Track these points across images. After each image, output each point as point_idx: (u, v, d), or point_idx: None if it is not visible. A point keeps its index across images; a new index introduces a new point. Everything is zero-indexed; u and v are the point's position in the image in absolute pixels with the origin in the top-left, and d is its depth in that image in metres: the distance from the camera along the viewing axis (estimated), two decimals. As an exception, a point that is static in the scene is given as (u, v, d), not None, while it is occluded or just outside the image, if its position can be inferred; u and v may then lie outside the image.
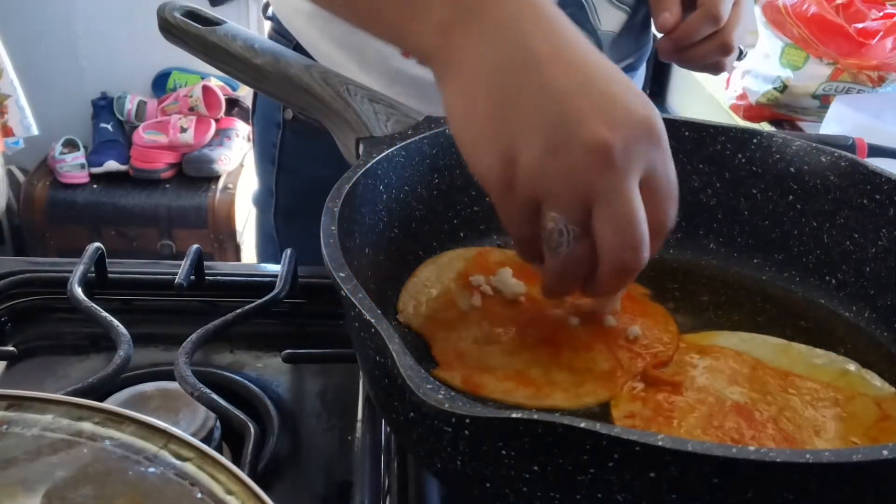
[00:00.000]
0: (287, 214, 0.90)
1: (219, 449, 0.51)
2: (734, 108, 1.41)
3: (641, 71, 0.89)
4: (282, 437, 0.54)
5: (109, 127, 2.39)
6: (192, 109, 2.34)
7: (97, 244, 0.65)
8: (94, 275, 0.64)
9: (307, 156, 0.85)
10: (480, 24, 0.45)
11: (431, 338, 0.55)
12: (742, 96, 1.39)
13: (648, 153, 0.43)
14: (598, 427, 0.34)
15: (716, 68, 0.76)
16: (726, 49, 0.73)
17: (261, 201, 0.94)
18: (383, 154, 0.56)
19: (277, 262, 0.65)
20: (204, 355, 0.60)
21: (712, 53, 0.73)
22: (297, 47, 0.81)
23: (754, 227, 0.65)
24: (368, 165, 0.54)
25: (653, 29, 0.86)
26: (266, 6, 0.87)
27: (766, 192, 0.64)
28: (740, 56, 0.78)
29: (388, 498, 0.49)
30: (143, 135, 2.31)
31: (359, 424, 0.55)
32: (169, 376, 0.54)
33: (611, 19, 0.79)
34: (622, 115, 0.43)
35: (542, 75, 0.43)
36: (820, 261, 0.62)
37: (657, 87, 1.95)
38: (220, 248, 2.25)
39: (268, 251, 0.95)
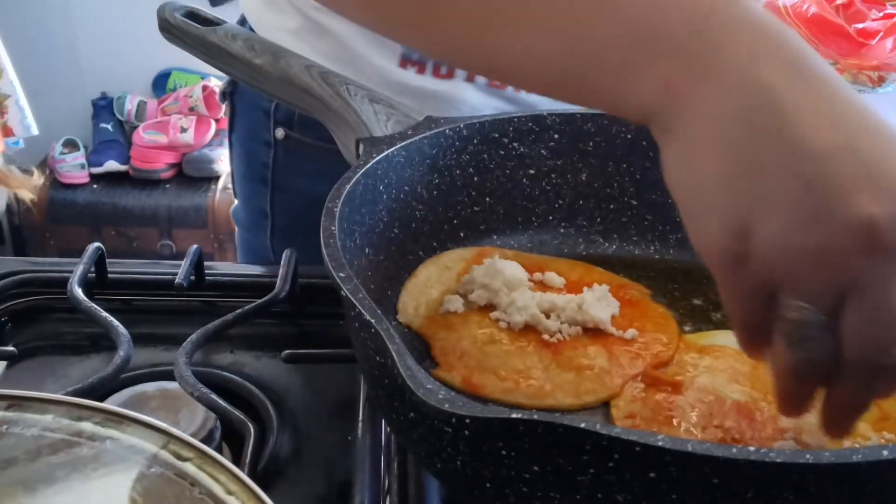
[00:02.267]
0: (285, 235, 0.87)
1: (219, 449, 0.51)
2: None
3: None
4: (282, 437, 0.54)
5: (109, 127, 2.40)
6: (192, 109, 2.34)
7: (97, 244, 0.65)
8: (94, 275, 0.64)
9: (303, 174, 0.82)
10: (713, 73, 0.38)
11: (431, 338, 0.55)
12: (742, 96, 1.38)
13: None
14: (598, 427, 0.34)
15: None
16: None
17: (247, 222, 0.90)
18: (383, 154, 0.56)
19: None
20: (204, 355, 0.60)
21: None
22: None
23: (754, 227, 0.65)
24: (368, 166, 0.54)
25: None
26: (242, 21, 0.82)
27: (766, 192, 0.64)
28: None
29: (388, 498, 0.49)
30: (143, 135, 2.32)
31: (359, 424, 0.55)
32: (169, 376, 0.54)
33: None
34: (894, 185, 0.35)
35: (791, 131, 0.36)
36: (820, 261, 0.62)
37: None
38: (220, 248, 2.26)
39: None
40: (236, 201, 0.92)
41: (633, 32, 0.40)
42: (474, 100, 0.75)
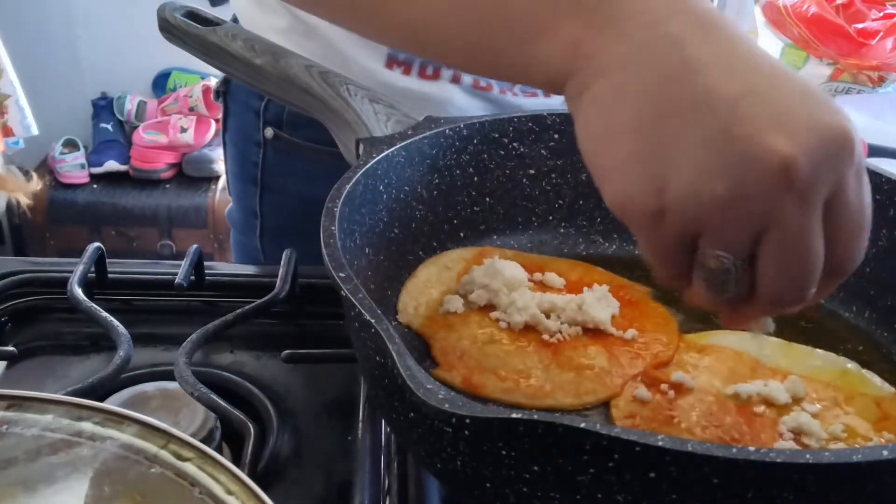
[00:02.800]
0: (275, 235, 0.87)
1: (219, 449, 0.51)
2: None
3: None
4: (282, 437, 0.54)
5: (109, 127, 2.39)
6: (192, 109, 2.34)
7: (97, 244, 0.65)
8: (94, 275, 0.64)
9: (292, 175, 0.82)
10: (621, 29, 0.38)
11: (431, 338, 0.55)
12: (742, 96, 1.39)
13: (839, 172, 0.35)
14: (598, 427, 0.34)
15: None
16: None
17: (239, 222, 0.90)
18: (383, 154, 0.56)
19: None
20: (204, 355, 0.60)
21: None
22: None
23: (754, 227, 0.65)
24: (368, 165, 0.54)
25: None
26: (233, 20, 0.82)
27: (766, 192, 0.64)
28: None
29: (388, 498, 0.49)
30: (143, 135, 2.32)
31: (359, 424, 0.55)
32: (169, 376, 0.54)
33: None
34: (806, 123, 0.35)
35: (701, 81, 0.36)
36: (820, 261, 0.62)
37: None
38: (220, 248, 2.25)
39: None
40: (232, 203, 0.92)
41: None
42: (460, 101, 0.75)
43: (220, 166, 2.30)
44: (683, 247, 0.38)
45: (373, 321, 0.40)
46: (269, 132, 0.82)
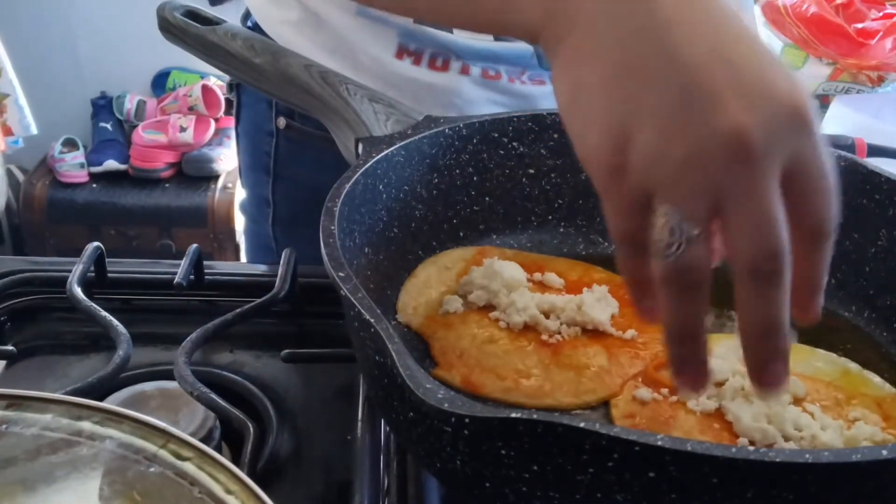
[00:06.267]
0: (286, 223, 0.89)
1: (218, 449, 0.51)
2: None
3: None
4: (281, 437, 0.54)
5: (109, 126, 2.39)
6: (191, 109, 2.34)
7: (97, 243, 0.65)
8: (93, 274, 0.64)
9: (304, 164, 0.84)
10: None
11: (431, 338, 0.55)
12: (742, 96, 1.39)
13: (793, 143, 0.36)
14: (598, 427, 0.34)
15: None
16: None
17: (252, 211, 0.92)
18: (383, 154, 0.56)
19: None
20: (204, 355, 0.60)
21: None
22: None
23: (754, 227, 0.65)
24: (368, 165, 0.54)
25: None
26: (245, 17, 0.84)
27: (765, 191, 0.64)
28: None
29: (388, 498, 0.49)
30: (142, 134, 2.31)
31: (359, 424, 0.55)
32: (169, 376, 0.54)
33: None
34: (763, 95, 0.36)
35: (668, 39, 0.37)
36: (820, 261, 0.62)
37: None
38: (219, 248, 2.25)
39: (265, 261, 0.94)
40: (244, 194, 0.93)
41: None
42: (469, 92, 0.75)
43: (219, 165, 2.31)
44: (639, 204, 0.38)
45: (372, 321, 0.40)
46: (281, 122, 0.83)
